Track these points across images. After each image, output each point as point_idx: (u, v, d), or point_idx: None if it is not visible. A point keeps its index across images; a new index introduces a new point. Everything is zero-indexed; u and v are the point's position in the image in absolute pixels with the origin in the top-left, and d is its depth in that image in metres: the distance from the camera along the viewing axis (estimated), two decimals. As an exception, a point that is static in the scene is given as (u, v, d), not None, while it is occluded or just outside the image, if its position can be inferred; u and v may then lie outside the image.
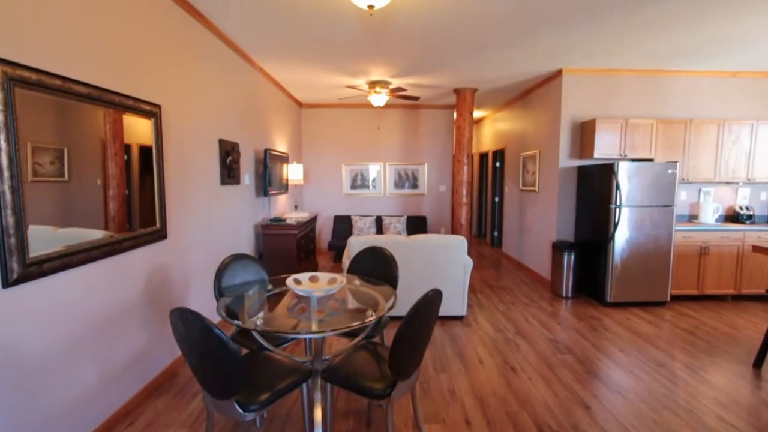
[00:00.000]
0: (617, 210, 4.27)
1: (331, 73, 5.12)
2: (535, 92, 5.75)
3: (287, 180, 5.68)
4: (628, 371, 2.96)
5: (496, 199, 8.08)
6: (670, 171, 4.28)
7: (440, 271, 3.89)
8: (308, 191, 7.39)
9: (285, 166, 5.57)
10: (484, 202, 9.14)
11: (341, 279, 2.34)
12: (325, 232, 7.48)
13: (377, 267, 2.93)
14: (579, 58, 4.41)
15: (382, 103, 5.70)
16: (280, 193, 5.32)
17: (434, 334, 3.65)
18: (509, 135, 6.99)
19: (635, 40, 3.81)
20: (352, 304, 2.31)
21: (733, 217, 5.06)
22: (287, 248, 4.64)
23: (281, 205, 5.87)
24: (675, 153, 4.73)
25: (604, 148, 4.63)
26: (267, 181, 4.64)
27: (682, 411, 2.46)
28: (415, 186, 7.44)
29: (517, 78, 5.29)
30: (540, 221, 5.59)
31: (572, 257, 4.67)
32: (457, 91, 5.94)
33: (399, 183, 7.43)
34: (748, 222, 4.88)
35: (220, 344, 1.57)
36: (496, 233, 8.16)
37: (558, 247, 4.81)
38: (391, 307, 2.11)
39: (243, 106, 4.30)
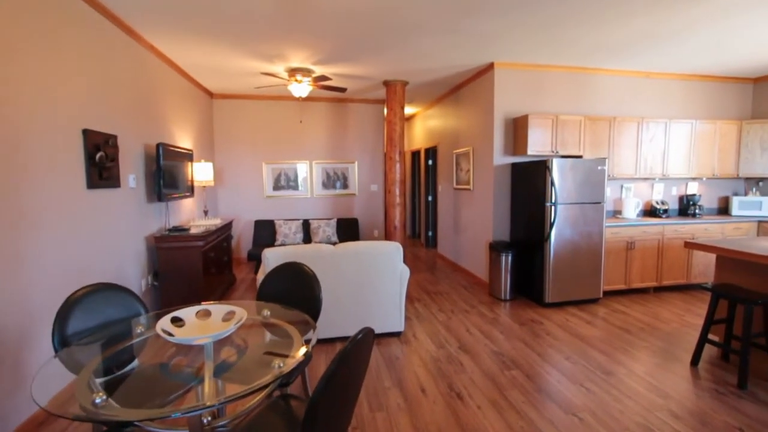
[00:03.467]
0: (553, 208, 4.14)
1: (244, 57, 4.38)
2: (467, 87, 5.53)
3: (193, 181, 4.80)
4: (579, 384, 2.73)
5: (430, 199, 7.85)
6: (599, 168, 4.25)
7: (373, 284, 3.40)
8: (223, 193, 6.48)
9: (190, 164, 4.69)
10: (417, 201, 8.89)
11: (241, 313, 1.73)
12: (244, 239, 6.63)
13: (296, 287, 2.35)
14: (510, 51, 4.21)
15: (304, 94, 5.07)
16: (184, 197, 4.45)
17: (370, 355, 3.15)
18: (441, 132, 6.75)
19: (562, 32, 3.66)
20: (255, 349, 1.71)
21: (650, 211, 5.28)
22: (191, 264, 3.83)
23: (186, 211, 4.97)
24: (601, 150, 4.76)
25: (537, 144, 4.50)
26: (162, 183, 3.78)
27: (640, 430, 2.23)
28: (345, 186, 6.90)
29: (449, 71, 5.00)
30: (476, 221, 5.38)
31: (510, 258, 4.48)
32: (387, 84, 5.52)
33: (327, 183, 6.83)
34: (664, 216, 5.09)
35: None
36: (430, 233, 7.93)
37: (495, 248, 4.60)
38: (308, 357, 1.55)
39: (125, 90, 3.42)
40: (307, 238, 6.33)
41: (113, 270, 3.19)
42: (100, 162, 2.91)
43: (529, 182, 4.45)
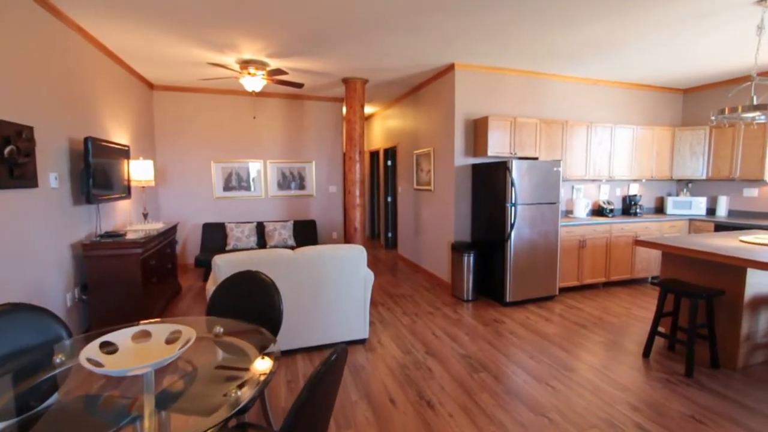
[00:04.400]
0: (513, 208, 4.19)
1: (189, 45, 4.01)
2: (427, 87, 5.50)
3: (130, 181, 4.33)
4: (544, 383, 2.74)
5: (389, 199, 7.77)
6: (555, 169, 4.37)
7: (336, 290, 3.22)
8: (166, 194, 5.96)
9: (126, 162, 4.22)
10: (376, 202, 8.78)
11: (188, 333, 1.50)
12: (191, 244, 6.14)
13: (253, 299, 2.13)
14: (471, 52, 4.21)
15: (258, 88, 4.77)
16: (119, 198, 3.99)
17: (333, 369, 2.97)
18: (401, 132, 6.69)
19: (519, 35, 3.71)
20: (205, 374, 1.49)
21: (598, 211, 5.55)
22: (127, 273, 3.42)
23: (122, 215, 4.48)
24: (555, 152, 4.92)
25: (496, 146, 4.55)
26: (91, 183, 3.34)
27: (606, 425, 2.26)
28: (302, 187, 6.62)
29: (411, 70, 4.93)
30: (437, 221, 5.36)
31: (472, 258, 4.49)
32: (346, 81, 5.34)
33: (283, 183, 6.52)
34: (610, 215, 5.37)
35: None
36: (390, 235, 7.85)
37: (457, 249, 4.59)
38: (268, 379, 1.37)
39: (43, 76, 2.96)
40: (262, 242, 5.99)
41: (30, 284, 2.74)
42: (11, 157, 2.48)
43: (489, 183, 4.49)
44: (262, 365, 1.49)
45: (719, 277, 2.96)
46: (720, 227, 4.91)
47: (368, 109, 7.81)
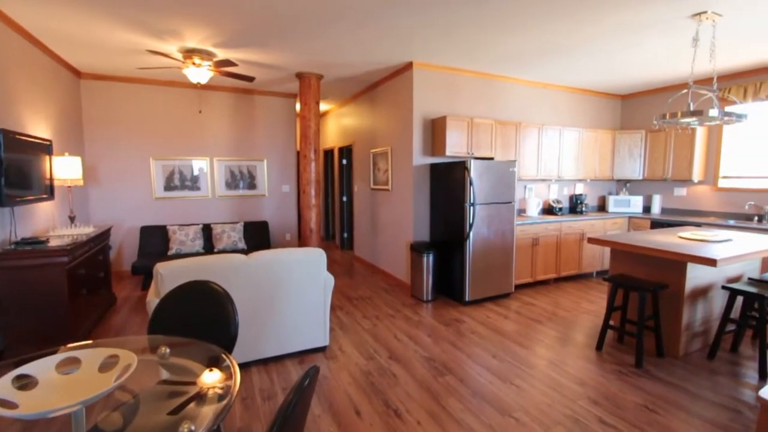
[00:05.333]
0: (471, 208, 4.23)
1: (123, 29, 3.60)
2: (384, 85, 5.41)
3: (53, 180, 3.82)
4: (509, 383, 2.75)
5: (344, 199, 7.61)
6: (511, 169, 4.47)
7: (294, 296, 3.03)
8: (97, 195, 5.37)
9: (48, 158, 3.71)
10: (331, 202, 8.57)
11: (127, 357, 1.28)
12: (128, 249, 5.59)
13: (204, 312, 1.91)
14: (429, 50, 4.18)
15: (203, 80, 4.42)
16: (40, 200, 3.49)
17: (293, 380, 2.79)
18: (357, 130, 6.55)
19: (476, 35, 3.74)
20: (149, 405, 1.28)
21: (548, 209, 5.79)
22: (51, 286, 2.99)
23: (44, 218, 3.94)
24: (509, 152, 5.05)
25: (454, 146, 4.57)
26: (4, 182, 2.88)
27: (570, 422, 2.30)
28: (252, 186, 6.27)
29: (367, 66, 4.82)
30: (395, 221, 5.30)
31: (431, 259, 4.47)
32: (300, 76, 5.12)
33: (232, 182, 6.13)
34: (560, 213, 5.62)
35: None
36: (345, 235, 7.69)
37: (416, 249, 4.55)
38: (224, 413, 1.19)
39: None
40: (209, 245, 5.59)
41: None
42: None
43: (448, 183, 4.49)
44: (218, 390, 1.31)
45: (663, 271, 3.16)
46: (655, 224, 5.31)
47: (323, 106, 7.59)
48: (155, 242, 5.37)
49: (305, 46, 4.10)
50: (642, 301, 2.97)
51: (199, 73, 4.35)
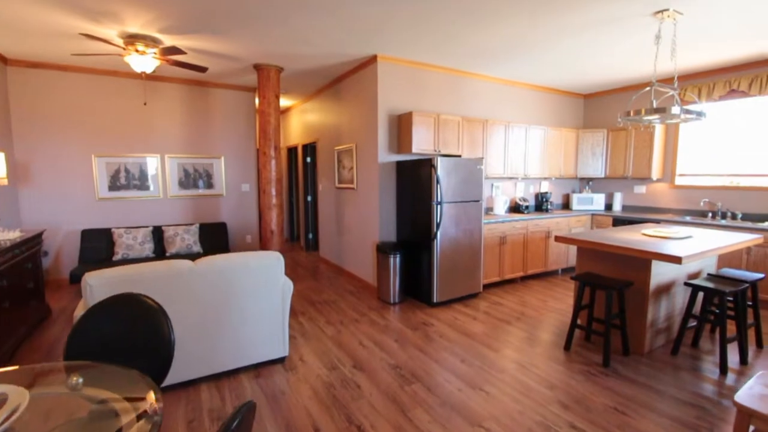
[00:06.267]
0: (439, 207, 4.10)
1: (53, 8, 3.19)
2: (348, 79, 5.20)
3: (-32, 178, 3.35)
4: (478, 389, 2.63)
5: (309, 199, 7.33)
6: (478, 167, 4.39)
7: (249, 304, 2.78)
8: (30, 196, 4.82)
9: (-40, 154, 3.24)
10: (295, 201, 8.26)
11: (16, 398, 1.02)
12: (67, 255, 5.07)
13: (132, 331, 1.65)
14: (394, 43, 4.02)
15: (149, 69, 4.04)
16: (-50, 202, 3.03)
17: (248, 397, 2.55)
18: (321, 127, 6.30)
19: (445, 28, 3.62)
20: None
21: (515, 208, 5.78)
22: (-41, 300, 2.58)
23: (-41, 222, 3.45)
24: (476, 150, 4.98)
25: (421, 143, 4.44)
26: None
27: (542, 429, 2.20)
28: (209, 185, 5.88)
29: (331, 59, 4.59)
30: (361, 221, 5.10)
31: (398, 259, 4.32)
32: (258, 68, 4.81)
33: (187, 182, 5.72)
34: (526, 212, 5.63)
35: None
36: (310, 236, 7.41)
37: (382, 249, 4.38)
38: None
39: None
40: (160, 250, 5.17)
41: None
42: None
43: (415, 181, 4.35)
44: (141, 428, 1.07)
45: (628, 269, 3.15)
46: (617, 221, 5.42)
47: (285, 102, 7.28)
48: (99, 247, 4.90)
49: (263, 35, 3.83)
50: (609, 299, 2.94)
51: (144, 61, 3.97)
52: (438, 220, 4.11)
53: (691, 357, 3.07)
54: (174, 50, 3.86)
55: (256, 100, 6.19)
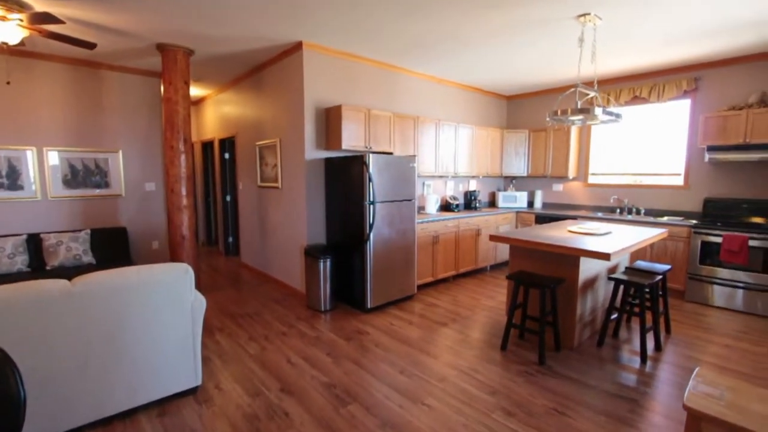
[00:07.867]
0: (371, 206, 3.88)
1: None
2: (271, 68, 4.74)
3: None
4: (420, 403, 2.45)
5: (228, 199, 6.67)
6: (411, 165, 4.25)
7: (150, 328, 2.28)
8: None
9: None
10: (212, 202, 7.48)
11: None
12: None
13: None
14: (322, 29, 3.69)
15: (12, 41, 3.22)
16: None
17: (145, 447, 2.07)
18: (240, 120, 5.72)
19: (368, 14, 3.40)
20: None
21: (446, 206, 5.79)
22: None
23: None
24: (408, 147, 4.85)
25: (351, 138, 4.17)
26: None
27: (487, 443, 2.08)
28: (104, 184, 4.99)
29: (250, 43, 4.11)
30: (287, 223, 4.69)
31: (328, 264, 4.01)
32: (163, 49, 4.15)
33: (74, 180, 4.78)
34: (456, 210, 5.65)
35: None
36: (230, 239, 6.75)
37: (311, 253, 4.04)
38: None
39: None
40: (38, 262, 4.24)
41: None
42: None
43: (345, 179, 4.07)
44: None
45: (559, 266, 3.21)
46: (539, 218, 5.68)
47: (198, 91, 6.52)
48: (-55, 262, 3.85)
49: (166, 9, 3.25)
50: (543, 297, 2.95)
51: (5, 29, 3.16)
52: (371, 221, 3.88)
53: (614, 348, 3.23)
54: (47, 17, 3.11)
55: (162, 87, 5.41)
